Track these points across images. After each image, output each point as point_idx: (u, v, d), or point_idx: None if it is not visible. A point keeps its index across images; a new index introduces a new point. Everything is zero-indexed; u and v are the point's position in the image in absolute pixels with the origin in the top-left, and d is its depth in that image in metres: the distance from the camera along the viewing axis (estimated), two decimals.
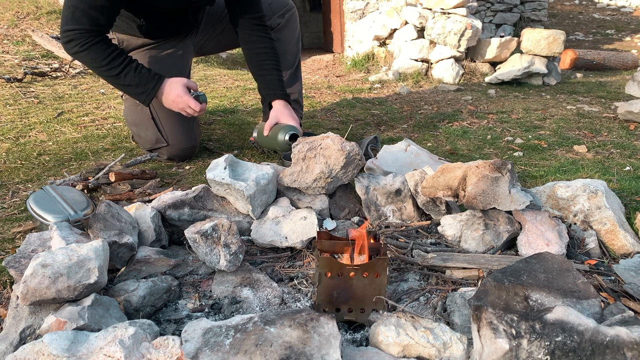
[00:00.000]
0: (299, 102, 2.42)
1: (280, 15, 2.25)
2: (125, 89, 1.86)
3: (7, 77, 3.18)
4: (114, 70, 1.77)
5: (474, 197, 1.41)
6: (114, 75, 1.79)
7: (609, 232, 1.44)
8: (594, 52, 5.57)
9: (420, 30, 4.67)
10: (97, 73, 1.84)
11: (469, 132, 2.74)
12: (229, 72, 4.40)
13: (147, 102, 1.86)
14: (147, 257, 1.21)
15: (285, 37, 2.27)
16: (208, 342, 0.86)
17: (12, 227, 1.49)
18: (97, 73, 1.84)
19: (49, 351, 0.83)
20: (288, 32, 2.29)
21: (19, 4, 4.92)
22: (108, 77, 1.83)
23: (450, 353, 0.92)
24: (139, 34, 2.00)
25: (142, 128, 2.05)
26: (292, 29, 2.31)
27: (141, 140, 2.10)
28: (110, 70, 1.77)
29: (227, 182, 1.40)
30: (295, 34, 2.33)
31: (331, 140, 1.52)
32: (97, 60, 1.76)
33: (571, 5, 11.00)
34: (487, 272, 1.25)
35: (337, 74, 5.13)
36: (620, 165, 2.15)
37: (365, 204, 1.54)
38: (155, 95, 1.84)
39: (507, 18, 7.02)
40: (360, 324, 1.09)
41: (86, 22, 1.70)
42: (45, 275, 0.96)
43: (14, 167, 1.96)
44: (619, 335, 0.82)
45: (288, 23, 2.28)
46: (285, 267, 1.33)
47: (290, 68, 2.33)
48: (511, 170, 1.42)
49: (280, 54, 2.18)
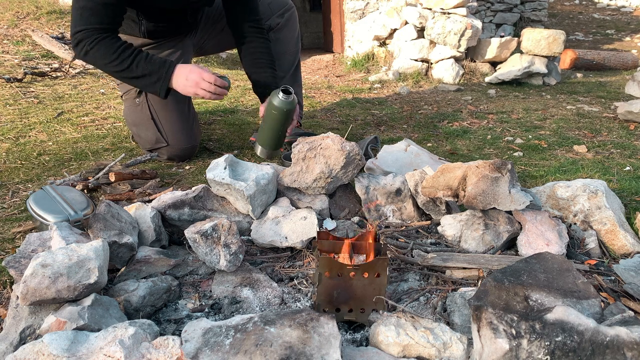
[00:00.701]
0: (298, 102, 2.42)
1: (280, 15, 2.25)
2: (139, 81, 1.80)
3: (7, 77, 3.18)
4: (125, 62, 1.73)
5: (474, 197, 1.41)
6: (126, 67, 1.74)
7: (609, 232, 1.44)
8: (594, 52, 5.57)
9: (420, 30, 4.67)
10: (109, 71, 1.80)
11: (469, 132, 2.74)
12: (228, 72, 4.40)
13: (163, 90, 1.80)
14: (147, 257, 1.21)
15: (285, 37, 2.28)
16: (208, 342, 0.86)
17: (12, 227, 1.49)
18: (109, 71, 1.80)
19: (49, 351, 0.83)
20: (287, 31, 2.29)
21: (19, 4, 4.92)
22: (120, 72, 1.78)
23: (450, 353, 0.92)
24: (139, 34, 2.00)
25: (142, 128, 2.05)
26: (292, 28, 2.31)
27: (141, 140, 2.10)
28: (122, 63, 1.73)
29: (227, 182, 1.40)
30: (294, 33, 2.33)
31: (331, 140, 1.52)
32: (107, 55, 1.72)
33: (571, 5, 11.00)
34: (487, 272, 1.25)
35: (337, 74, 5.13)
36: (620, 165, 2.15)
37: (365, 203, 1.54)
38: (170, 80, 1.78)
39: (507, 18, 7.02)
40: (360, 324, 1.09)
41: (94, 20, 1.69)
42: (45, 275, 0.96)
43: (13, 167, 1.96)
44: (619, 335, 0.82)
45: (287, 23, 2.28)
46: (285, 267, 1.33)
47: (290, 68, 2.33)
48: (511, 170, 1.42)
49: (280, 53, 2.18)
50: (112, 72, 1.81)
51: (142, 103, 2.04)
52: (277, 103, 1.79)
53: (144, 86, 1.83)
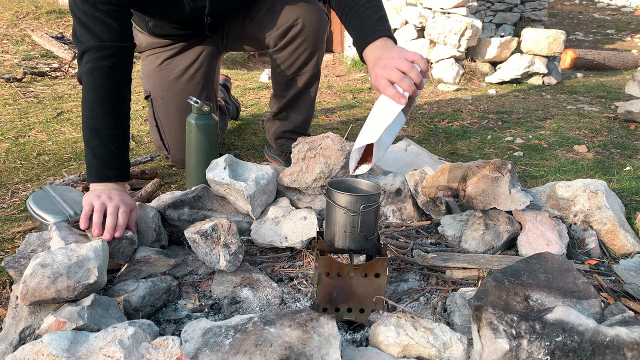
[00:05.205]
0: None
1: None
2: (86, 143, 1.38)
3: (6, 76, 3.18)
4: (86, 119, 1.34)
5: (474, 197, 1.41)
6: (83, 121, 1.36)
7: (609, 232, 1.44)
8: (594, 52, 5.57)
9: (420, 30, 4.66)
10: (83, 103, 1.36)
11: (469, 132, 2.74)
12: (228, 72, 4.40)
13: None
14: (146, 257, 1.21)
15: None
16: (208, 342, 0.85)
17: (12, 227, 1.49)
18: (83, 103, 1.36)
19: (49, 351, 0.83)
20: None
21: (18, 3, 4.92)
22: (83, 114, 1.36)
23: (450, 353, 0.92)
24: (145, 30, 1.88)
25: (151, 128, 2.04)
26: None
27: (153, 140, 2.07)
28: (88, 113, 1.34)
29: (227, 182, 1.40)
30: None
31: (331, 140, 1.52)
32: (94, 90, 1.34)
33: (571, 5, 10.99)
34: (487, 272, 1.25)
35: (337, 73, 5.13)
36: (621, 165, 2.15)
37: None
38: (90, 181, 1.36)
39: (507, 18, 7.01)
40: (360, 324, 1.09)
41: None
42: (45, 275, 0.96)
43: (13, 167, 1.96)
44: (619, 335, 0.82)
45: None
46: (285, 267, 1.33)
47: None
48: (511, 170, 1.42)
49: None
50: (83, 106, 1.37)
51: (149, 107, 2.01)
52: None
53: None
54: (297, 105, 1.99)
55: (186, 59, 1.92)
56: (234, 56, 5.49)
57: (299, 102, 1.98)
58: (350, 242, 1.06)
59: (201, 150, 1.62)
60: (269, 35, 1.79)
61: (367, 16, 1.35)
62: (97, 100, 1.33)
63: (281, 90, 1.96)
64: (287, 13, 1.75)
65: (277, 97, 2.01)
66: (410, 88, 1.11)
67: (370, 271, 1.06)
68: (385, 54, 1.21)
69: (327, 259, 1.05)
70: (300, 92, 1.95)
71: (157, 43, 1.93)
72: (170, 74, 1.92)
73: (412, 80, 1.11)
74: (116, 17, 1.36)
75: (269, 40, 1.81)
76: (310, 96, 1.99)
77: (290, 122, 2.03)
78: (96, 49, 1.33)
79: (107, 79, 1.34)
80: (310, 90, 1.97)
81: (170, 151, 1.99)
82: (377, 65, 1.19)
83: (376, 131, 1.06)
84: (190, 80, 1.92)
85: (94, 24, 1.34)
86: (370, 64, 1.25)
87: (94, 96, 1.33)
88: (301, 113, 2.01)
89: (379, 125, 1.07)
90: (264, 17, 1.80)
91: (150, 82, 1.95)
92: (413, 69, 1.12)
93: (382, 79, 1.14)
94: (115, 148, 1.35)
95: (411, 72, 1.12)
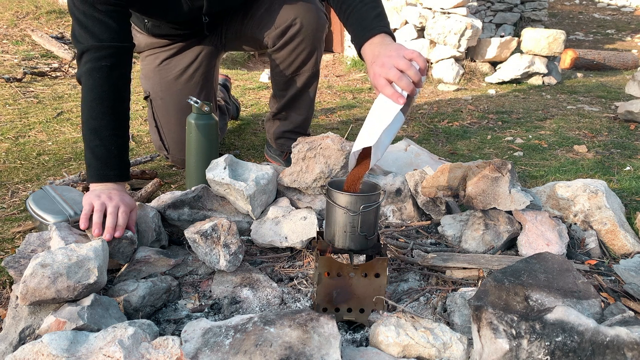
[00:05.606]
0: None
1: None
2: (85, 138, 1.37)
3: (6, 76, 3.18)
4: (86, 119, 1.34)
5: (474, 197, 1.41)
6: (83, 121, 1.35)
7: (609, 232, 1.44)
8: (594, 52, 5.57)
9: (420, 30, 4.66)
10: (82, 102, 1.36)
11: (469, 132, 2.74)
12: (228, 72, 4.40)
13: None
14: (146, 257, 1.21)
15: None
16: (208, 342, 0.85)
17: (12, 227, 1.49)
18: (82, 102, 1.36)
19: (49, 351, 0.83)
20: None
21: (18, 3, 4.92)
22: (83, 114, 1.35)
23: (450, 353, 0.92)
24: (143, 30, 1.88)
25: (151, 128, 2.04)
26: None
27: (153, 140, 2.07)
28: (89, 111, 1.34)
29: (227, 182, 1.40)
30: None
31: (331, 140, 1.52)
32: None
33: (571, 5, 10.99)
34: (487, 272, 1.25)
35: (337, 73, 5.13)
36: (621, 165, 2.15)
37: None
38: (89, 181, 1.35)
39: (507, 18, 7.01)
40: (360, 324, 1.09)
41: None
42: (45, 275, 0.96)
43: (13, 167, 1.96)
44: (619, 335, 0.82)
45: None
46: (285, 267, 1.33)
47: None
48: (511, 170, 1.42)
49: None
50: (83, 106, 1.37)
51: (148, 107, 2.00)
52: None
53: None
54: (296, 105, 1.99)
55: (185, 59, 1.92)
56: (234, 56, 5.49)
57: (299, 102, 1.98)
58: (350, 242, 1.06)
59: (201, 150, 1.62)
60: (268, 34, 1.79)
61: (365, 12, 1.34)
62: (96, 101, 1.33)
63: (280, 90, 1.96)
64: (285, 12, 1.75)
65: (276, 97, 2.01)
66: (409, 87, 1.09)
67: (370, 271, 1.06)
68: (383, 51, 1.19)
69: (327, 259, 1.05)
70: (300, 92, 1.95)
71: (156, 43, 1.93)
72: (169, 74, 1.92)
73: (411, 79, 1.10)
74: (115, 17, 1.36)
75: (268, 40, 1.81)
76: (310, 96, 1.99)
77: (290, 122, 2.03)
78: (95, 49, 1.33)
79: (107, 79, 1.34)
80: (310, 90, 1.97)
81: (170, 151, 1.99)
82: (375, 63, 1.17)
83: (374, 133, 1.05)
84: (189, 80, 1.92)
85: (93, 24, 1.34)
86: (369, 62, 1.24)
87: (93, 96, 1.33)
88: (301, 113, 2.01)
89: (378, 127, 1.05)
90: (262, 17, 1.80)
91: (149, 83, 1.95)
92: (411, 68, 1.11)
93: (380, 78, 1.13)
94: (115, 148, 1.35)
95: (409, 71, 1.10)
